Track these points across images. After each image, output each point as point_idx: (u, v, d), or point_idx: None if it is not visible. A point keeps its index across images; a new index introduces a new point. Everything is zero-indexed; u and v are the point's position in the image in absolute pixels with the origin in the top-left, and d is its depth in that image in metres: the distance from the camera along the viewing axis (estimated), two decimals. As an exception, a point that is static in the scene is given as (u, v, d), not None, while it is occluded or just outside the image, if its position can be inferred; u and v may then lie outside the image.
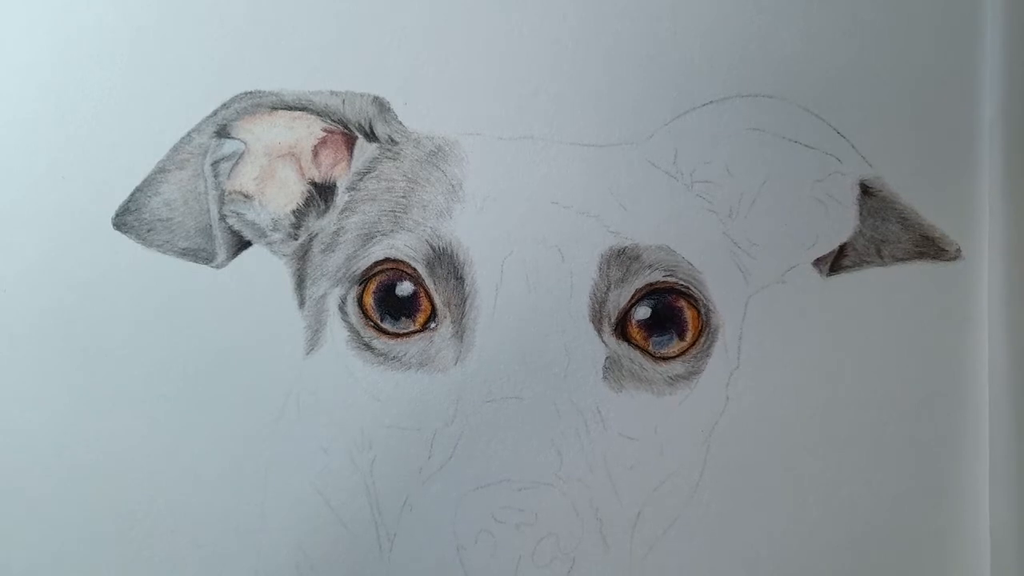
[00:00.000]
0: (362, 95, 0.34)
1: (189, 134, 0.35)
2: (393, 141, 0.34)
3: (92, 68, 0.35)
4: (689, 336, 0.34)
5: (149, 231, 0.35)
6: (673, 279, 0.33)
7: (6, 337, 0.35)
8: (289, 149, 0.35)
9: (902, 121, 0.34)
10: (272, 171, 0.35)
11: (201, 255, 0.35)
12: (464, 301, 0.33)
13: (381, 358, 0.34)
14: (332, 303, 0.34)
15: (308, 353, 0.35)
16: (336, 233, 0.35)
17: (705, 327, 0.34)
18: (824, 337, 0.34)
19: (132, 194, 0.35)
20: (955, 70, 0.34)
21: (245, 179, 0.35)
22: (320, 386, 0.34)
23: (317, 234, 0.35)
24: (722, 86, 0.34)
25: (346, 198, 0.35)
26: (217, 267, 0.35)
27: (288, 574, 0.35)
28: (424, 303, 0.34)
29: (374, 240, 0.34)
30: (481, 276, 0.33)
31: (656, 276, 0.33)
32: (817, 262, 0.34)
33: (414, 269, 0.33)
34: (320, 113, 0.34)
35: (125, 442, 0.35)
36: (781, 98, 0.34)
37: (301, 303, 0.35)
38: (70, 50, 0.35)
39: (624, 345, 0.34)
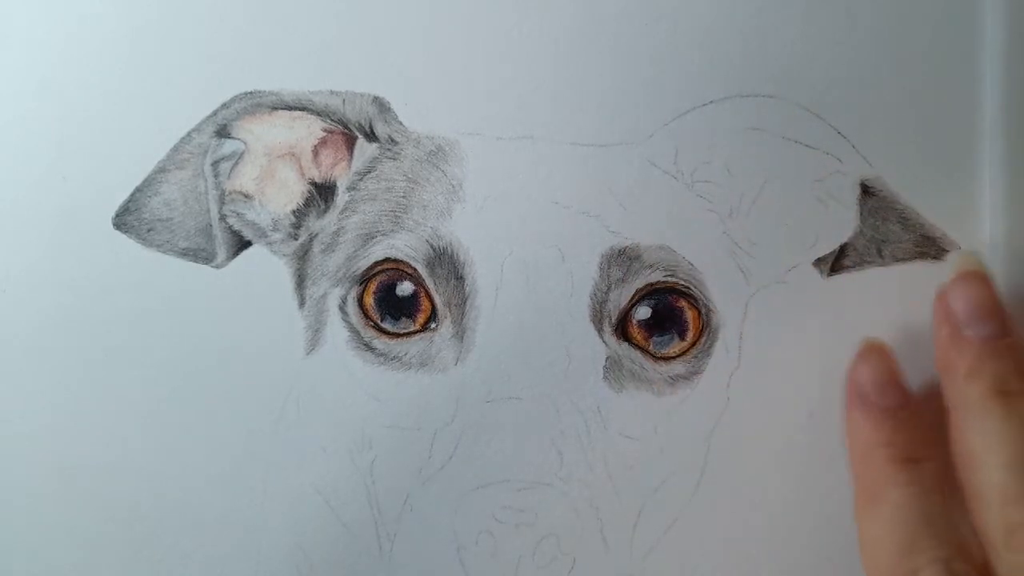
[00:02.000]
0: (362, 95, 0.34)
1: (189, 134, 0.35)
2: (393, 141, 0.34)
3: (92, 68, 0.35)
4: (690, 336, 0.34)
5: (149, 231, 0.35)
6: (673, 279, 0.33)
7: (6, 337, 0.35)
8: (289, 149, 0.35)
9: (902, 121, 0.34)
10: (272, 171, 0.35)
11: (201, 255, 0.35)
12: (464, 301, 0.33)
13: (381, 358, 0.34)
14: (332, 303, 0.34)
15: (308, 353, 0.35)
16: (336, 233, 0.35)
17: (705, 327, 0.34)
18: (824, 337, 0.34)
19: (132, 194, 0.35)
20: (955, 70, 0.34)
21: (245, 179, 0.35)
22: (320, 386, 0.34)
23: (317, 234, 0.35)
24: (722, 86, 0.34)
25: (346, 198, 0.35)
26: (217, 267, 0.35)
27: (288, 574, 0.35)
28: (424, 303, 0.34)
29: (374, 240, 0.34)
30: (481, 276, 0.33)
31: (656, 276, 0.33)
32: (818, 262, 0.34)
33: (414, 269, 0.33)
34: (320, 113, 0.34)
35: (125, 442, 0.35)
36: (781, 98, 0.34)
37: (301, 303, 0.35)
38: (70, 50, 0.35)
39: (624, 345, 0.34)
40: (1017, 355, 0.30)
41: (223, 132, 0.35)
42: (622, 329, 0.34)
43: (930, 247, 0.34)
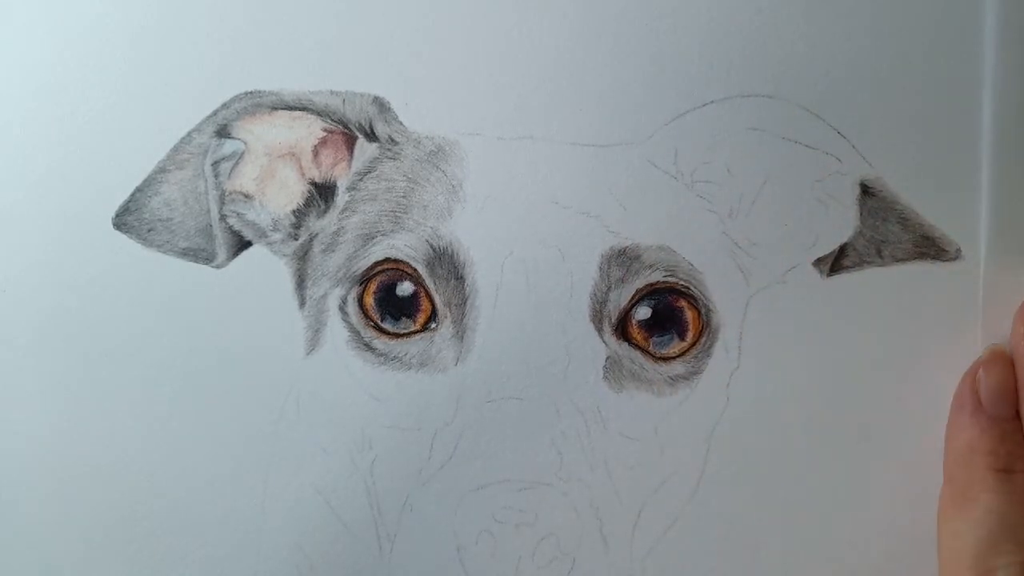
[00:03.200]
0: (362, 95, 0.34)
1: (189, 134, 0.35)
2: (393, 141, 0.34)
3: (92, 68, 0.35)
4: (689, 336, 0.34)
5: (149, 231, 0.35)
6: (673, 279, 0.33)
7: (6, 337, 0.35)
8: (289, 149, 0.35)
9: (902, 121, 0.34)
10: (272, 171, 0.35)
11: (201, 255, 0.35)
12: (464, 301, 0.33)
13: (381, 358, 0.34)
14: (332, 303, 0.34)
15: (308, 353, 0.35)
16: (336, 233, 0.35)
17: (705, 327, 0.34)
18: (824, 337, 0.34)
19: (132, 194, 0.35)
20: (955, 70, 0.34)
21: (245, 179, 0.35)
22: (320, 386, 0.34)
23: (317, 234, 0.35)
24: (722, 86, 0.34)
25: (346, 198, 0.35)
26: (217, 267, 0.35)
27: (288, 574, 0.35)
28: (424, 303, 0.34)
29: (374, 240, 0.34)
30: (481, 276, 0.33)
31: (656, 276, 0.33)
32: (817, 262, 0.34)
33: (414, 269, 0.33)
34: (320, 113, 0.34)
35: (125, 442, 0.35)
36: (781, 98, 0.34)
37: (301, 303, 0.35)
38: (70, 50, 0.35)
39: (624, 345, 0.34)
40: None
41: (223, 132, 0.35)
42: (622, 329, 0.34)
43: (930, 247, 0.34)
